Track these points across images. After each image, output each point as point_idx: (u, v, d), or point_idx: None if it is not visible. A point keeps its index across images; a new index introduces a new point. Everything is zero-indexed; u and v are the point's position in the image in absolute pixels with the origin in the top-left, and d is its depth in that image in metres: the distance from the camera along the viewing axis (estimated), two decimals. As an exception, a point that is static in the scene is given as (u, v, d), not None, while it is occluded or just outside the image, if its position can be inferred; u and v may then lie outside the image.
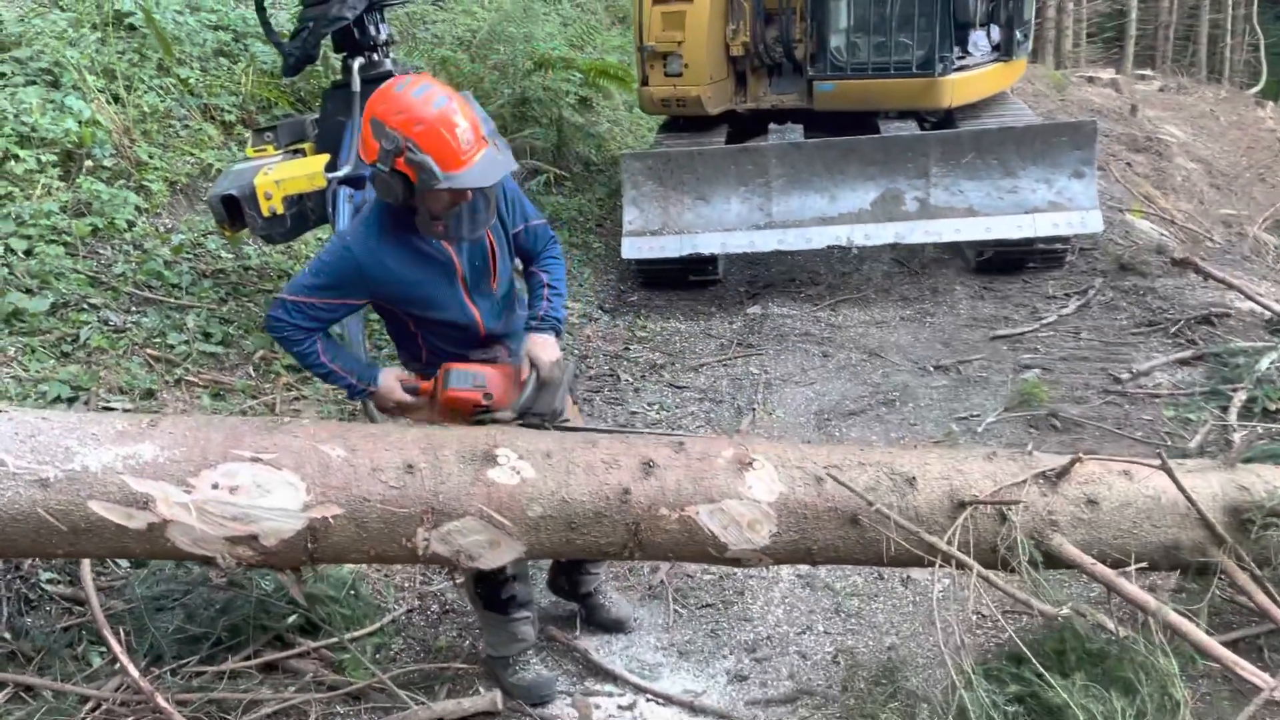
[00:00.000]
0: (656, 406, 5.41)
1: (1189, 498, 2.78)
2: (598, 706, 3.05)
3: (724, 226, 6.73)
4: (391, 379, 2.90)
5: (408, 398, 2.90)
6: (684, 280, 7.28)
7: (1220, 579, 2.91)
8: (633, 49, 8.00)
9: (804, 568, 3.66)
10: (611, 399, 5.54)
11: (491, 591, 3.01)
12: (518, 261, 3.05)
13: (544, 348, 2.87)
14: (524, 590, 3.08)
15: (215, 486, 2.42)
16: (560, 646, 3.34)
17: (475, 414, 2.83)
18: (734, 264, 7.72)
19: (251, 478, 2.44)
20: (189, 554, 2.48)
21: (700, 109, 7.38)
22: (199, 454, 2.45)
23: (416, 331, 2.91)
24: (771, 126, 7.46)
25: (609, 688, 3.14)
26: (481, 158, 2.59)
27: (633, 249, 6.91)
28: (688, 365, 5.97)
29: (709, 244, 6.75)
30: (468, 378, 2.82)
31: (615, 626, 3.41)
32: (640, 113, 9.37)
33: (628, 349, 6.36)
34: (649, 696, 3.08)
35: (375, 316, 5.59)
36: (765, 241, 6.68)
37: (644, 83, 7.48)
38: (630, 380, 5.84)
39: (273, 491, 2.45)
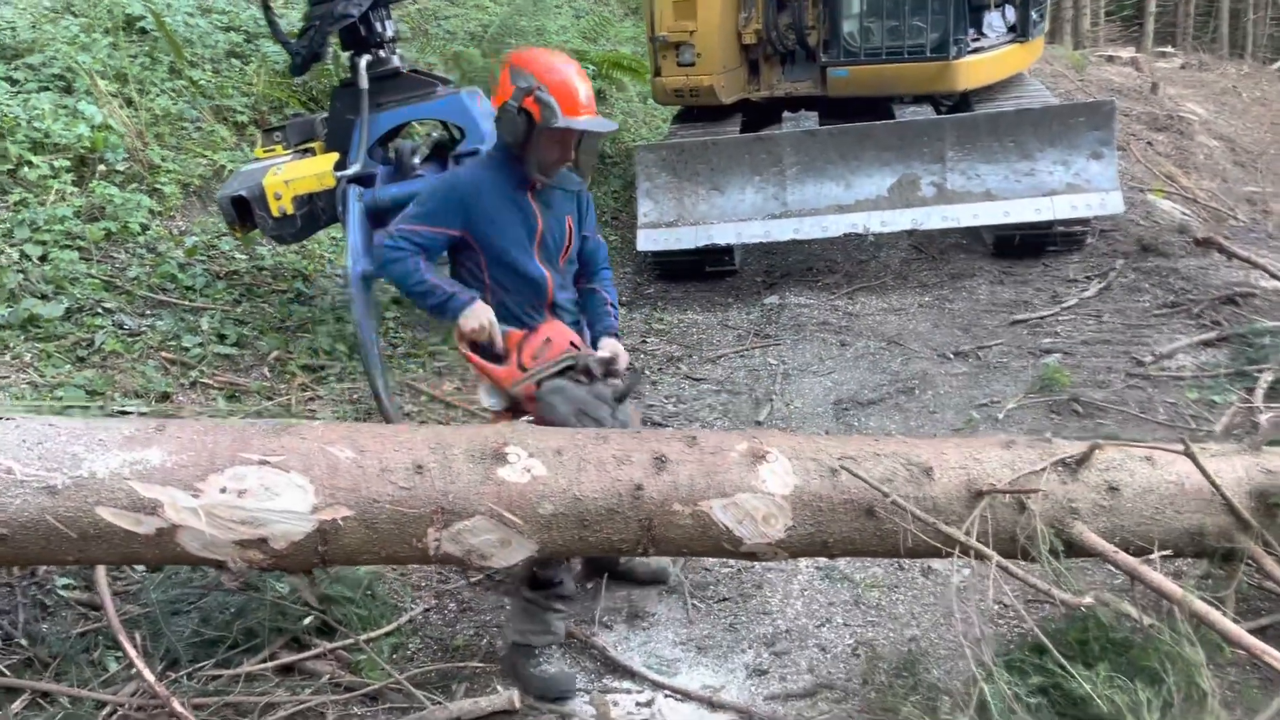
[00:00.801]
0: (674, 399, 5.37)
1: (1213, 482, 2.72)
2: (616, 704, 3.02)
3: (739, 216, 6.68)
4: (487, 308, 3.08)
5: (498, 327, 3.05)
6: (700, 271, 7.24)
7: (1247, 565, 2.85)
8: (645, 40, 7.96)
9: (823, 560, 3.62)
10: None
11: (543, 578, 3.06)
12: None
13: (620, 350, 3.21)
14: (570, 585, 3.14)
15: (223, 490, 2.41)
16: (578, 643, 3.32)
17: (560, 359, 2.99)
18: (750, 254, 7.67)
19: (259, 481, 2.43)
20: (199, 558, 2.47)
21: (714, 98, 7.33)
22: (206, 458, 2.44)
23: (488, 282, 3.13)
24: (785, 114, 7.40)
25: (627, 684, 3.11)
26: (591, 119, 3.06)
27: (648, 241, 6.87)
28: (705, 357, 5.93)
29: (724, 234, 6.70)
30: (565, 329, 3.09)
31: (656, 579, 3.57)
32: (654, 104, 9.31)
33: (645, 342, 6.33)
34: (667, 693, 3.05)
35: (391, 315, 5.60)
36: (781, 231, 6.62)
37: (657, 73, 7.44)
38: (647, 373, 5.81)
39: (281, 494, 2.43)
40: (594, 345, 3.24)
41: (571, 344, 3.05)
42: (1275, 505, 2.80)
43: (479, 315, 3.02)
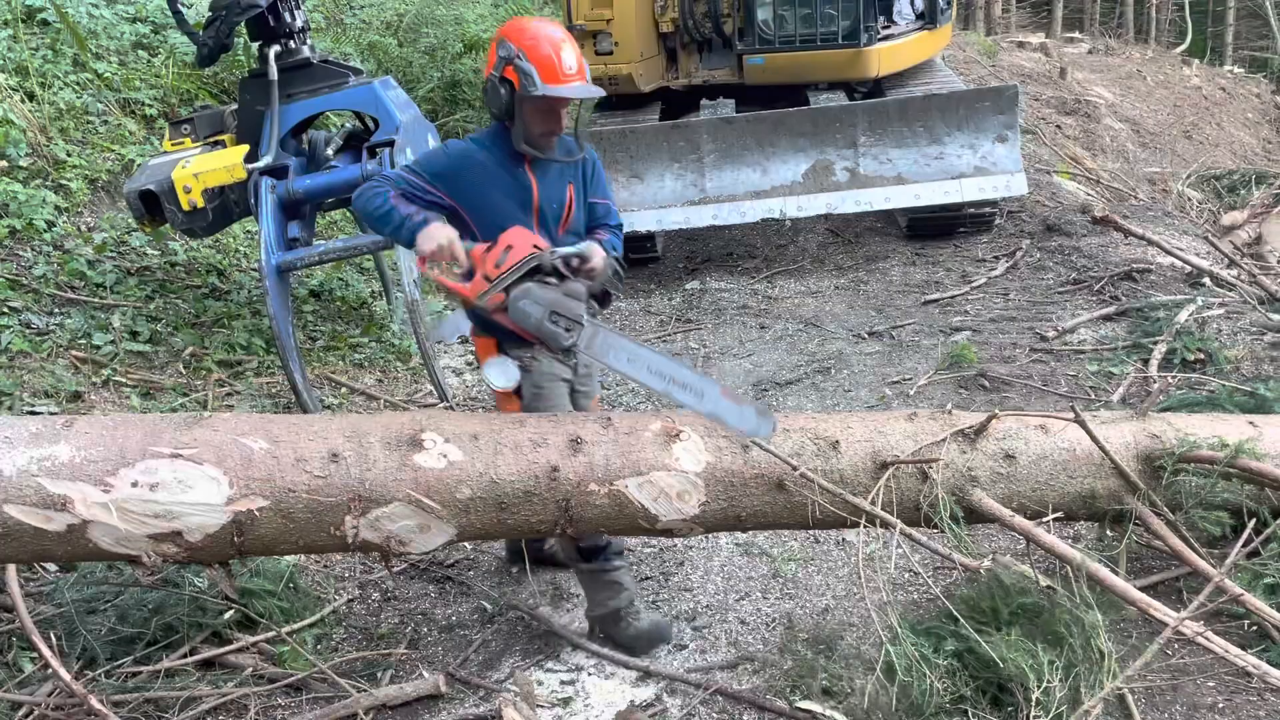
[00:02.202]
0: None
1: (1102, 447, 2.87)
2: (540, 683, 3.07)
3: (659, 204, 6.76)
4: (450, 229, 2.92)
5: (459, 245, 2.86)
6: (623, 258, 7.29)
7: (1136, 525, 3.00)
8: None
9: (743, 536, 3.72)
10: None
11: (589, 547, 3.08)
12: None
13: (596, 250, 2.98)
14: (617, 540, 3.15)
15: (135, 484, 2.39)
16: (511, 620, 3.36)
17: (524, 262, 2.79)
18: (672, 241, 7.75)
19: (172, 474, 2.42)
20: (113, 554, 2.46)
21: (632, 87, 7.38)
22: (117, 453, 2.42)
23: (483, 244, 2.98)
24: (704, 102, 7.49)
25: (550, 664, 3.16)
26: (577, 85, 2.89)
27: (569, 230, 6.89)
28: (628, 343, 5.98)
29: (645, 222, 6.77)
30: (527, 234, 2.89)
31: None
32: (574, 93, 9.32)
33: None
34: (590, 671, 3.11)
35: (309, 309, 5.56)
36: (700, 217, 6.72)
37: (575, 62, 7.45)
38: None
39: (194, 487, 2.43)
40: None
41: (535, 246, 2.82)
42: (1161, 467, 2.96)
43: (436, 235, 2.84)
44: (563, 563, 3.58)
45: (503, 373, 3.02)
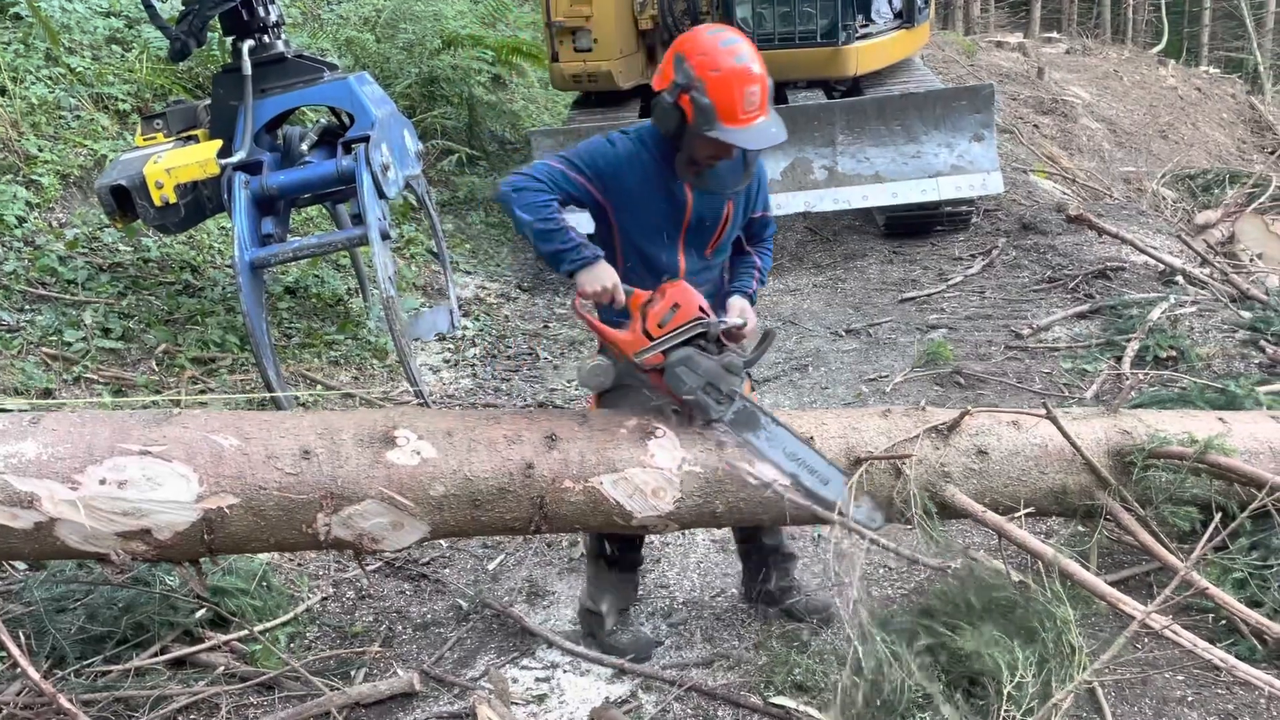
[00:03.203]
0: (575, 383, 5.42)
1: (1073, 443, 2.89)
2: (515, 681, 3.06)
3: (637, 201, 6.74)
4: (610, 269, 2.73)
5: (621, 288, 2.70)
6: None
7: (1107, 520, 3.02)
8: (543, 25, 7.96)
9: (719, 532, 3.72)
10: (530, 377, 5.55)
11: (623, 547, 3.11)
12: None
13: (750, 314, 2.88)
14: (639, 555, 3.19)
15: (103, 482, 2.37)
16: (488, 617, 3.35)
17: (689, 325, 2.67)
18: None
19: (141, 471, 2.40)
20: (81, 552, 2.43)
21: (612, 84, 7.38)
22: (84, 449, 2.40)
23: (620, 251, 2.83)
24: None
25: (525, 661, 3.16)
26: (759, 124, 2.62)
27: (547, 226, 6.87)
28: (606, 340, 5.98)
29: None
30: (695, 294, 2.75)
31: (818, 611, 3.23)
32: (555, 90, 9.31)
33: (547, 327, 6.36)
34: (565, 668, 3.11)
35: (284, 305, 5.52)
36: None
37: (554, 59, 7.45)
38: (549, 358, 5.85)
39: (164, 484, 2.41)
40: (724, 302, 2.92)
41: (700, 309, 2.70)
42: (1131, 463, 2.98)
43: (602, 277, 2.66)
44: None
45: (597, 374, 2.91)
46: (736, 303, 2.89)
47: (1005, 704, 2.43)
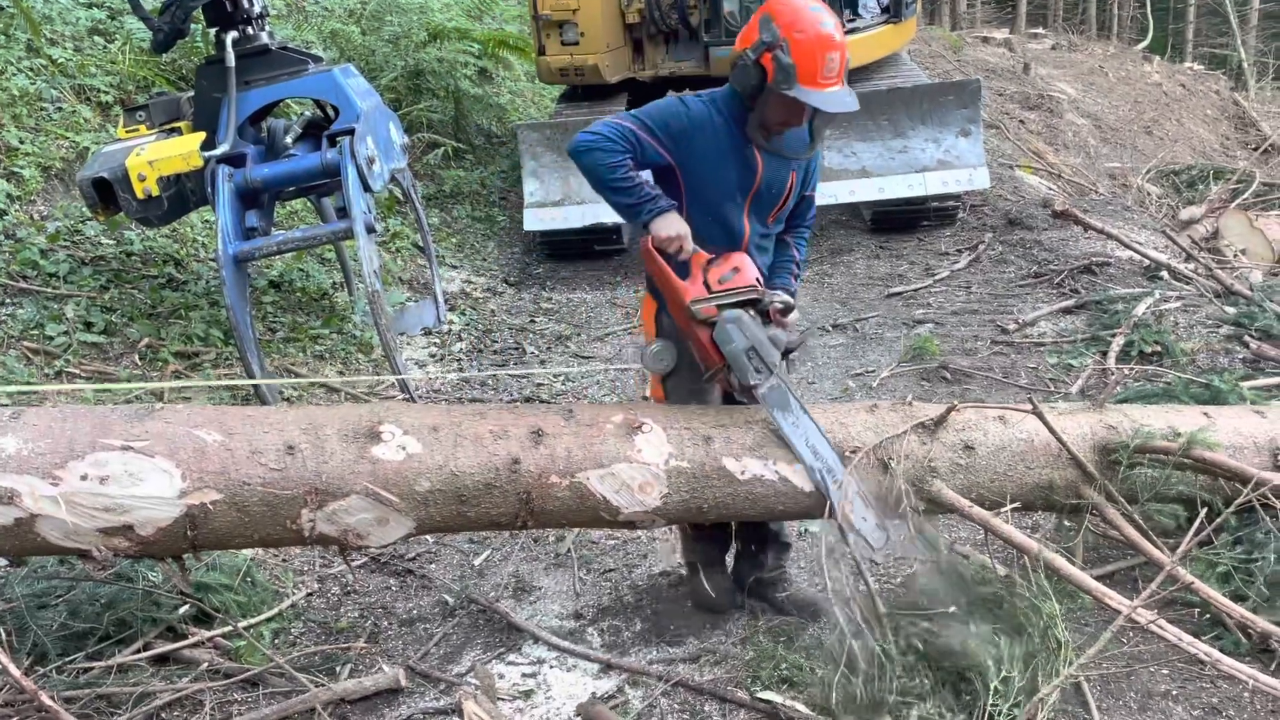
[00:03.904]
0: (562, 378, 5.41)
1: (1059, 438, 2.89)
2: (501, 676, 3.05)
3: (625, 195, 6.72)
4: (682, 220, 2.80)
5: (690, 240, 2.78)
6: (589, 251, 7.27)
7: (1092, 515, 3.03)
8: (530, 18, 7.92)
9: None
10: (517, 372, 5.53)
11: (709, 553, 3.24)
12: None
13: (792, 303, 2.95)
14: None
15: (84, 478, 2.35)
16: (474, 612, 3.34)
17: (745, 290, 2.77)
18: (638, 233, 7.72)
19: (123, 467, 2.38)
20: (62, 548, 2.41)
21: (598, 77, 7.35)
22: (65, 445, 2.37)
23: (687, 213, 2.85)
24: (670, 94, 7.45)
25: (512, 656, 3.15)
26: (834, 91, 2.70)
27: (535, 221, 6.87)
28: (593, 335, 5.98)
29: (610, 214, 6.72)
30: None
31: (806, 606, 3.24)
32: (542, 83, 9.27)
33: (533, 321, 6.34)
34: (552, 664, 3.10)
35: (269, 299, 5.49)
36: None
37: (541, 52, 7.42)
38: (536, 352, 5.84)
39: (146, 480, 2.38)
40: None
41: (756, 280, 2.81)
42: (1116, 461, 2.99)
43: (675, 225, 2.74)
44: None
45: (661, 358, 2.99)
46: (781, 293, 2.96)
47: (992, 698, 2.44)
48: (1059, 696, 2.50)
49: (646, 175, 2.83)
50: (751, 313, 2.80)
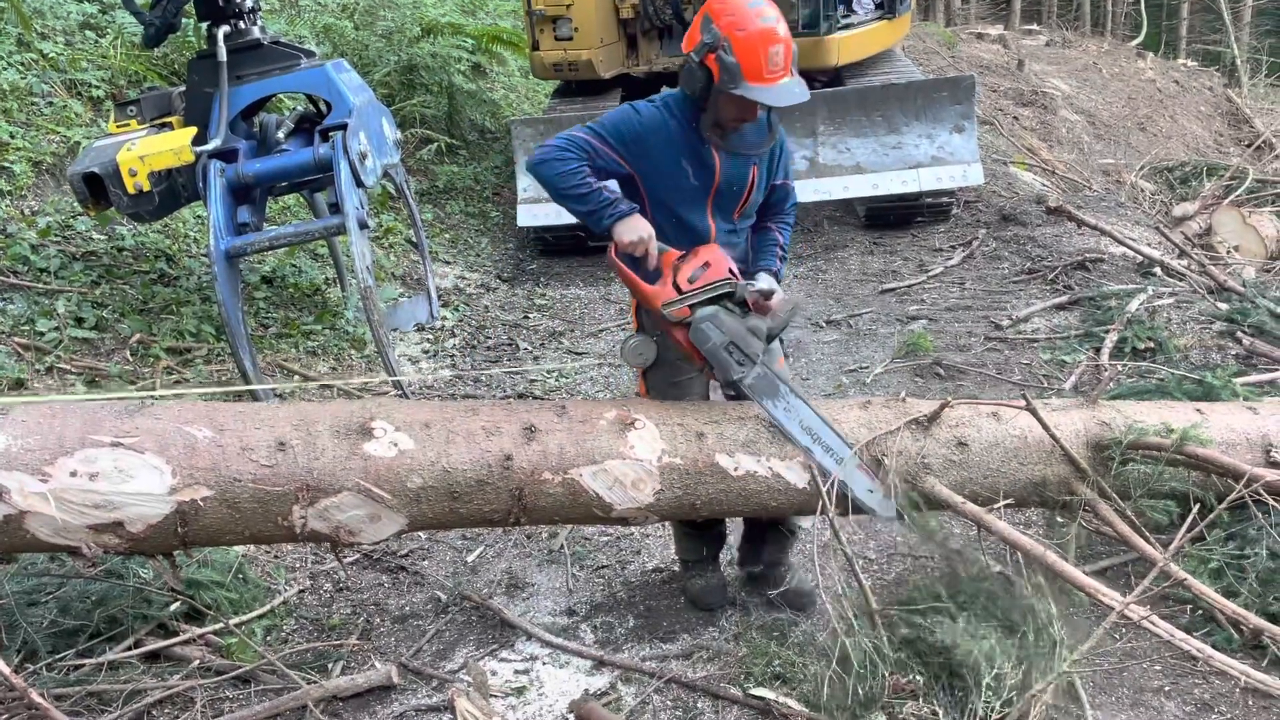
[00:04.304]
0: (555, 374, 5.40)
1: (1052, 434, 2.89)
2: (494, 673, 3.05)
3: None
4: (646, 222, 2.78)
5: (655, 242, 2.77)
6: (583, 247, 7.26)
7: (1085, 511, 3.03)
8: (524, 14, 7.90)
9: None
10: (510, 368, 5.51)
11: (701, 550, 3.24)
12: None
13: (776, 286, 2.94)
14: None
15: (74, 474, 2.34)
16: (467, 609, 3.33)
17: (718, 284, 2.74)
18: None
19: (113, 463, 2.36)
20: (51, 545, 2.40)
21: (592, 73, 7.33)
22: (55, 441, 2.36)
23: (651, 217, 2.84)
24: (664, 89, 7.44)
25: (505, 653, 3.14)
26: (783, 83, 2.69)
27: (528, 217, 6.86)
28: (587, 331, 5.97)
29: (604, 209, 6.71)
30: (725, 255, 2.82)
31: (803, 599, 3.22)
32: (536, 79, 9.25)
33: (527, 317, 6.33)
34: (544, 660, 3.10)
35: (261, 295, 5.46)
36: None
37: (535, 47, 7.40)
38: (529, 348, 5.83)
39: (136, 476, 2.37)
40: (750, 278, 2.95)
41: (730, 271, 2.78)
42: (1109, 458, 2.99)
43: (638, 228, 2.73)
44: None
45: (639, 352, 2.99)
46: (763, 277, 2.95)
47: (985, 695, 2.43)
48: (1052, 692, 2.50)
49: (611, 184, 2.82)
50: (729, 305, 2.77)
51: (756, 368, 2.78)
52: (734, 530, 3.44)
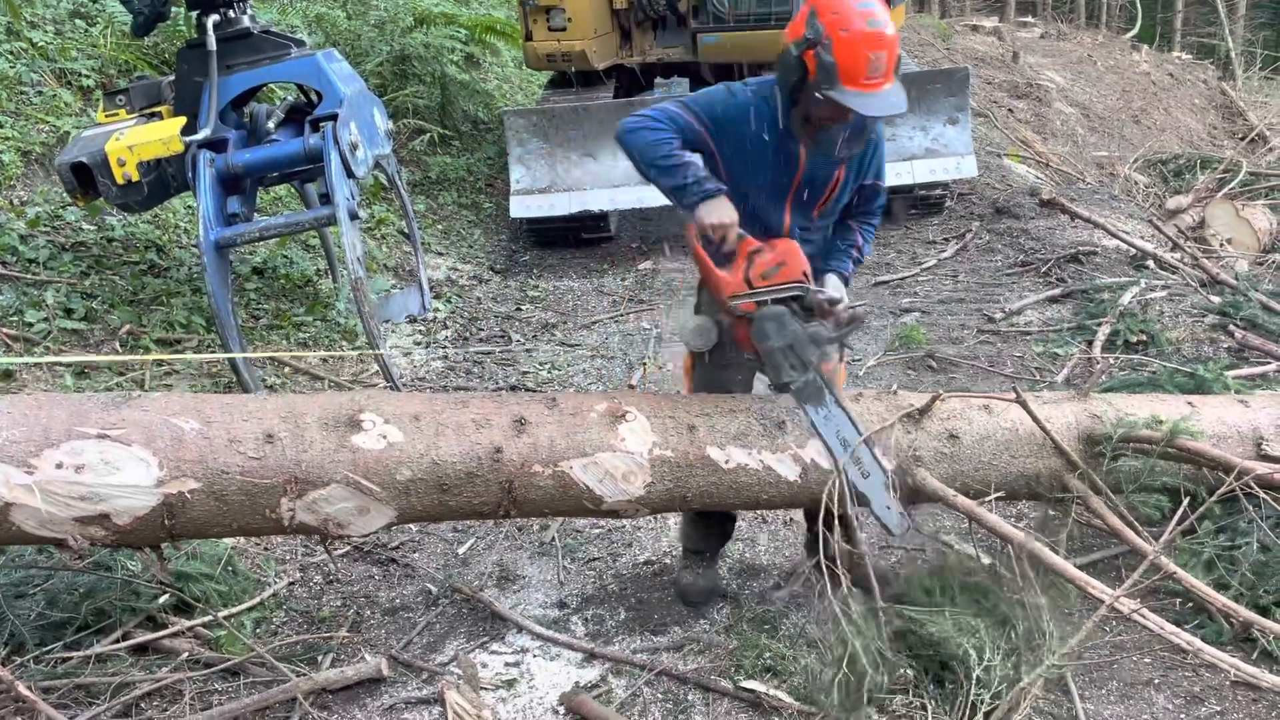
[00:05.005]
0: (548, 366, 5.39)
1: (1043, 427, 2.89)
2: (484, 665, 3.04)
3: (613, 183, 6.70)
4: (734, 209, 2.69)
5: (736, 230, 2.68)
6: (576, 238, 7.25)
7: (1076, 504, 3.03)
8: (517, 4, 7.87)
9: (690, 517, 3.70)
10: (503, 360, 5.50)
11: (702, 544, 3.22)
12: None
13: (844, 294, 2.86)
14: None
15: (60, 466, 2.32)
16: (457, 602, 3.33)
17: (789, 286, 2.68)
18: (626, 220, 7.70)
19: (99, 455, 2.35)
20: (37, 537, 2.38)
21: (586, 64, 7.30)
22: (40, 433, 2.34)
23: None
24: (658, 81, 7.43)
25: (495, 646, 3.13)
26: (881, 91, 2.54)
27: (521, 208, 6.84)
28: (580, 323, 5.96)
29: (598, 201, 6.71)
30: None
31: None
32: (530, 70, 9.22)
33: (519, 309, 6.31)
34: (535, 653, 3.09)
35: (252, 286, 5.44)
36: (655, 196, 6.63)
37: (528, 38, 7.37)
38: (522, 340, 5.81)
39: (122, 468, 2.36)
40: (820, 277, 2.88)
41: (804, 274, 2.70)
42: (1101, 450, 2.98)
43: (723, 211, 2.63)
44: None
45: (702, 334, 2.94)
46: (832, 280, 2.87)
47: (975, 688, 2.43)
48: (1042, 685, 2.50)
49: (698, 158, 2.75)
50: (795, 307, 2.72)
51: (808, 373, 2.75)
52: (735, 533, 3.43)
